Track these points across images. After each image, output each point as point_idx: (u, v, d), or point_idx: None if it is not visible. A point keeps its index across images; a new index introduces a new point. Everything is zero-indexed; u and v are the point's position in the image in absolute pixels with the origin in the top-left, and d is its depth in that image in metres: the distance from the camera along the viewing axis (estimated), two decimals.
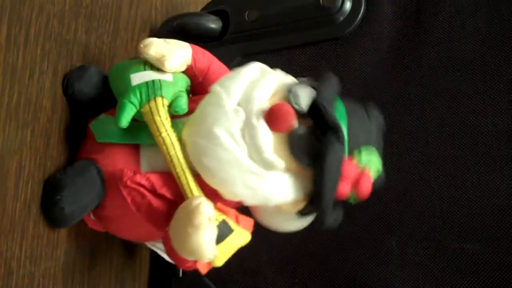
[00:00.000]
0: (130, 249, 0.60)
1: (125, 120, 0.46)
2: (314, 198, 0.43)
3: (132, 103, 0.46)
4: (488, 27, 0.55)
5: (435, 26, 0.57)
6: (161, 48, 0.48)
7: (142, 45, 0.48)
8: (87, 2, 0.54)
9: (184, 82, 0.50)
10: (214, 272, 0.60)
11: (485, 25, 0.55)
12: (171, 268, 0.62)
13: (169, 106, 0.47)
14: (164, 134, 0.45)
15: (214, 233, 0.42)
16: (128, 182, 0.45)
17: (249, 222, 0.47)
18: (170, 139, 0.45)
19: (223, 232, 0.43)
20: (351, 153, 0.43)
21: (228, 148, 0.43)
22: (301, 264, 0.58)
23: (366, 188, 0.44)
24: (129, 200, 0.46)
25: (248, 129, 0.43)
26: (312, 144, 0.43)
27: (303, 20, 0.61)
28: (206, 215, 0.41)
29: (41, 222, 0.47)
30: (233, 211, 0.46)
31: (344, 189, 0.43)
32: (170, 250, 0.44)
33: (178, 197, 0.45)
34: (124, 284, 0.59)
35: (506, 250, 0.50)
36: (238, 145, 0.43)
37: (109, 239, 0.56)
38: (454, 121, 0.55)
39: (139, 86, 0.47)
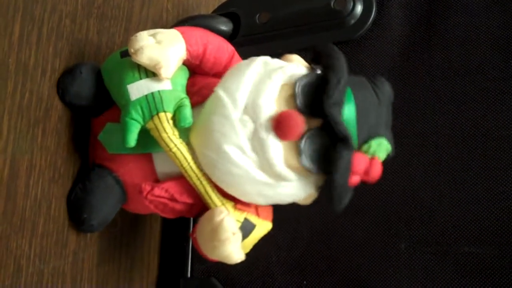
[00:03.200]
0: (139, 249, 0.61)
1: (132, 139, 0.44)
2: (327, 199, 0.43)
3: (135, 120, 0.45)
4: (501, 31, 0.55)
5: (447, 30, 0.57)
6: (153, 53, 0.44)
7: (132, 50, 0.44)
8: (99, 2, 0.54)
9: (183, 79, 0.48)
10: (223, 273, 0.61)
11: (498, 29, 0.55)
12: (180, 269, 0.63)
13: (173, 116, 0.45)
14: (174, 149, 0.45)
15: (239, 240, 0.44)
16: (148, 196, 0.46)
17: (268, 211, 0.49)
18: (181, 153, 0.45)
19: (247, 230, 0.46)
20: (360, 145, 0.43)
21: (239, 164, 0.43)
22: (309, 265, 0.58)
23: (376, 174, 0.44)
24: (152, 207, 0.47)
25: (257, 142, 0.43)
26: (321, 151, 0.43)
27: (314, 23, 0.61)
28: (230, 231, 0.43)
29: (51, 220, 0.47)
30: (253, 205, 0.47)
31: (355, 181, 0.43)
32: (199, 250, 0.46)
33: (200, 198, 0.47)
34: (132, 284, 0.59)
35: None
36: (249, 158, 0.43)
37: (118, 239, 0.57)
38: (464, 125, 0.54)
39: (139, 101, 0.45)
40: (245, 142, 0.43)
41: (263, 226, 0.48)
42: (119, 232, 0.57)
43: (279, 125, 0.42)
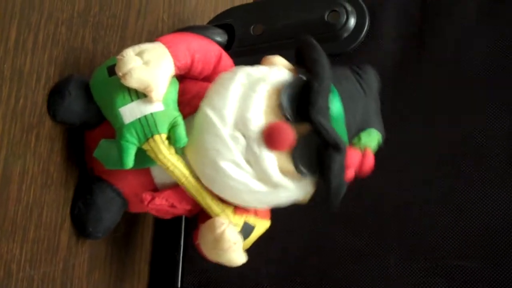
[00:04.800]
0: (130, 258, 0.60)
1: (130, 161, 0.45)
2: (324, 199, 0.44)
3: (131, 142, 0.45)
4: (491, 47, 0.55)
5: (438, 45, 0.58)
6: (142, 76, 0.44)
7: (120, 74, 0.44)
8: (95, 11, 0.54)
9: (174, 95, 0.47)
10: (213, 284, 0.61)
11: (488, 45, 0.56)
12: (170, 279, 0.62)
13: (168, 136, 0.45)
14: (171, 168, 0.45)
15: (241, 246, 0.46)
16: (150, 205, 0.47)
17: (266, 209, 0.51)
18: (179, 170, 0.46)
19: (247, 232, 0.48)
20: (351, 140, 0.44)
21: (237, 179, 0.44)
22: (300, 278, 0.58)
23: (369, 166, 0.45)
24: (153, 213, 0.48)
25: (251, 155, 0.43)
26: (314, 155, 0.43)
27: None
28: (232, 241, 0.45)
29: (42, 227, 0.47)
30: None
31: (350, 175, 0.44)
32: (203, 254, 0.48)
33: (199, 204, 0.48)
34: None
35: (505, 268, 0.50)
36: (246, 172, 0.44)
37: (109, 247, 0.56)
38: (455, 139, 0.55)
39: (133, 124, 0.45)
40: (239, 157, 0.44)
41: (262, 225, 0.50)
42: (111, 240, 0.57)
43: (269, 138, 0.43)
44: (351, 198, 0.55)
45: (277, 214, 0.53)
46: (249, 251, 0.50)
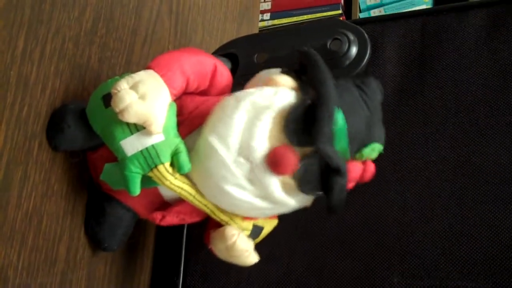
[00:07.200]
0: (129, 277, 0.60)
1: (137, 189, 0.45)
2: (326, 210, 0.44)
3: (135, 173, 0.45)
4: (490, 70, 0.56)
5: (439, 70, 0.58)
6: (139, 111, 0.44)
7: (117, 110, 0.44)
8: (102, 32, 0.56)
9: (173, 122, 0.47)
10: None
11: (487, 69, 0.57)
12: None
13: (172, 162, 0.46)
14: (178, 190, 0.46)
15: (252, 250, 0.49)
16: (161, 223, 0.49)
17: None
18: (186, 191, 0.46)
19: (257, 233, 0.50)
20: (353, 153, 0.44)
21: (242, 199, 0.45)
22: None
23: (369, 175, 0.46)
24: (165, 225, 0.50)
25: (255, 178, 0.44)
26: (317, 175, 0.44)
27: None
28: (243, 249, 0.48)
29: (41, 236, 0.47)
30: None
31: (351, 186, 0.45)
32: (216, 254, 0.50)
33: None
34: None
35: (508, 287, 0.49)
36: (250, 192, 0.45)
37: (108, 266, 0.56)
38: (456, 160, 0.55)
39: (135, 156, 0.45)
40: (243, 180, 0.44)
41: (270, 224, 0.52)
42: (110, 260, 0.56)
43: (273, 164, 0.43)
44: (354, 220, 0.56)
45: (279, 236, 0.53)
46: (252, 272, 0.49)
